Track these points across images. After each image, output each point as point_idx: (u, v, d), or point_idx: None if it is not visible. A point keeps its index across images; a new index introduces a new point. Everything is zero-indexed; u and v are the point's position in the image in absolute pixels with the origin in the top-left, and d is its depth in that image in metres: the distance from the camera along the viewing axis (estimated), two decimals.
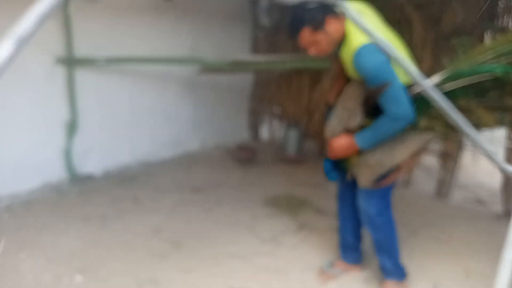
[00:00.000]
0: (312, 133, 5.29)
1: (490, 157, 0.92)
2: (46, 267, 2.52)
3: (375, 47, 1.89)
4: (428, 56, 3.90)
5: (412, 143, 2.11)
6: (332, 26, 1.96)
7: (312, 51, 2.05)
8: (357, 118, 2.09)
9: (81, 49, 3.67)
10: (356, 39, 1.93)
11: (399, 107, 1.93)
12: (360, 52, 1.91)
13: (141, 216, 3.31)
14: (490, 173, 5.20)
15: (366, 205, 2.29)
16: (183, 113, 4.92)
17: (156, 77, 4.49)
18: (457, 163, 4.13)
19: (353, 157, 2.18)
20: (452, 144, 4.05)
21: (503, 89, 2.00)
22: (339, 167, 2.30)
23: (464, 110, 2.00)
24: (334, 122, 2.15)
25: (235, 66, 4.29)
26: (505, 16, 3.74)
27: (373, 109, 2.07)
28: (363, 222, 2.40)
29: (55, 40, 3.55)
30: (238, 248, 2.90)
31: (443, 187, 4.20)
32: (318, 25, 1.94)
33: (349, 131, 2.12)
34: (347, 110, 2.11)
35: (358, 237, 2.61)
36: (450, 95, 2.00)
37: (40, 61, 3.50)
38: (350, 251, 2.62)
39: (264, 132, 6.02)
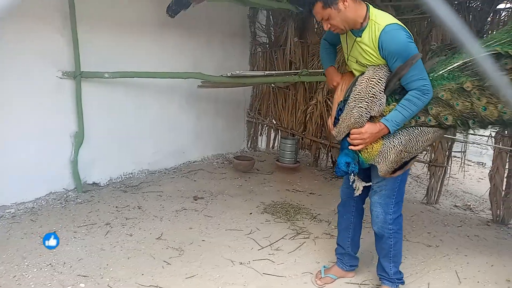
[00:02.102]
0: (307, 143, 5.25)
1: None
2: (50, 275, 2.42)
3: (400, 26, 1.92)
4: None
5: (430, 135, 2.08)
6: (345, 5, 1.93)
7: (325, 27, 2.03)
8: (383, 103, 2.00)
9: (88, 63, 3.60)
10: (381, 20, 1.94)
11: (426, 80, 1.93)
12: (390, 29, 1.91)
13: (144, 223, 3.22)
14: (477, 180, 5.16)
15: (384, 212, 2.22)
16: (185, 125, 4.86)
17: (160, 90, 4.44)
18: (445, 171, 4.08)
19: (375, 145, 2.03)
20: (441, 153, 4.00)
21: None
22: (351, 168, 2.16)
23: (469, 94, 1.97)
24: (356, 112, 1.98)
25: (235, 80, 4.24)
26: (493, 32, 3.70)
27: (392, 92, 2.03)
28: (377, 229, 2.27)
29: (63, 55, 3.48)
30: (237, 254, 2.82)
31: (433, 194, 4.14)
32: (329, 1, 1.92)
33: (372, 118, 2.02)
34: (370, 97, 1.97)
35: (355, 245, 2.53)
36: (458, 76, 1.99)
37: (48, 74, 3.43)
38: (348, 258, 2.53)
39: (262, 143, 5.97)
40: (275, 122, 5.58)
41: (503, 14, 3.74)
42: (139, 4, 4.05)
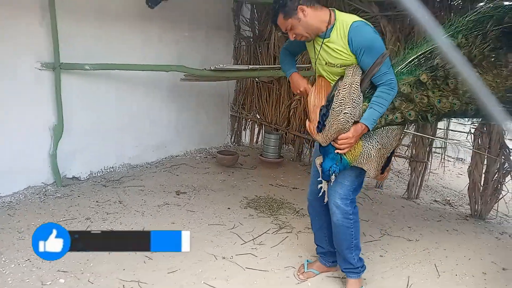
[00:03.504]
0: (290, 138, 5.28)
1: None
2: (29, 270, 2.38)
3: (366, 22, 2.01)
4: None
5: (396, 130, 2.23)
6: (304, 14, 2.00)
7: (291, 36, 2.09)
8: (361, 107, 2.06)
9: (69, 54, 3.53)
10: (348, 18, 2.02)
11: (392, 74, 2.05)
12: (357, 25, 1.99)
13: (126, 218, 3.19)
14: (456, 176, 5.28)
15: (343, 204, 2.23)
16: (167, 118, 4.83)
17: (142, 83, 4.39)
18: (426, 166, 4.16)
19: (357, 147, 2.11)
20: (421, 149, 4.08)
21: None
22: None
23: (425, 87, 2.19)
24: (343, 118, 2.01)
25: (218, 74, 4.22)
26: None
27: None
28: (337, 220, 2.26)
29: (42, 45, 3.41)
30: (220, 249, 2.82)
31: (413, 189, 4.22)
32: (288, 12, 1.99)
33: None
34: (352, 103, 2.01)
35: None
36: (414, 70, 2.20)
37: (26, 65, 3.35)
38: (329, 255, 2.56)
39: (246, 137, 5.97)
40: (259, 117, 5.59)
41: None
42: None
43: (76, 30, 3.63)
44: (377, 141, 2.15)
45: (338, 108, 2.01)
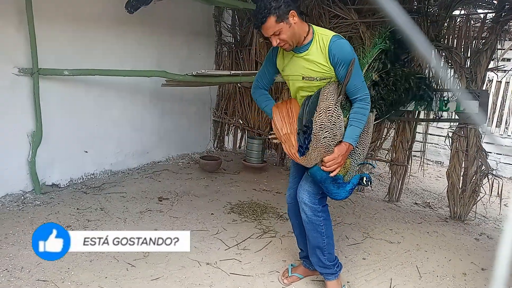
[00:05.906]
0: (273, 143, 5.29)
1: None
2: (7, 280, 2.31)
3: (342, 37, 2.12)
4: None
5: (368, 140, 2.41)
6: (294, 20, 2.03)
7: (275, 42, 2.07)
8: (343, 126, 2.09)
9: (47, 60, 3.47)
10: (327, 33, 2.09)
11: (365, 88, 2.13)
12: (336, 39, 2.06)
13: (107, 225, 3.14)
14: (435, 178, 5.39)
15: (310, 202, 2.23)
16: (149, 124, 4.78)
17: (123, 89, 4.34)
18: (406, 170, 4.23)
19: (346, 162, 2.15)
20: (401, 152, 4.15)
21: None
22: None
23: (376, 83, 2.62)
24: (325, 142, 2.04)
25: (200, 79, 4.21)
26: (449, 36, 3.89)
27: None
28: (306, 217, 2.25)
29: (19, 51, 3.34)
30: (204, 254, 2.80)
31: (394, 192, 4.28)
32: (282, 15, 1.99)
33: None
34: (332, 125, 2.04)
35: None
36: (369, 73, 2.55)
37: (3, 71, 3.28)
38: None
39: (229, 143, 5.97)
40: (241, 122, 5.59)
41: (458, 20, 3.93)
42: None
43: (54, 35, 3.58)
44: (359, 154, 2.21)
45: (319, 133, 2.04)
